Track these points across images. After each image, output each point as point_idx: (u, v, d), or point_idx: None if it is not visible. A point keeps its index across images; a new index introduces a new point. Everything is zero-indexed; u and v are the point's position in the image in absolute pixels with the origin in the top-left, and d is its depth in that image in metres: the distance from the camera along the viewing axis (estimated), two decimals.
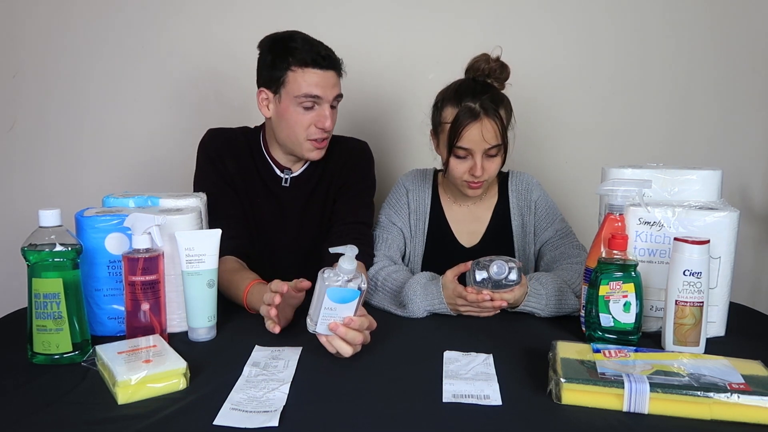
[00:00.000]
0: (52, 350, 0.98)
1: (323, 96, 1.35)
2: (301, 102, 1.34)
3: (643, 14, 1.87)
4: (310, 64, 1.33)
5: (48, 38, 1.87)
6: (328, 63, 1.34)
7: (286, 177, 1.46)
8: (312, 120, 1.36)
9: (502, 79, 1.38)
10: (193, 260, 1.08)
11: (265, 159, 1.47)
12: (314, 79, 1.33)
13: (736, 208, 1.12)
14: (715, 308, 1.12)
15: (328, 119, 1.37)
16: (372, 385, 0.93)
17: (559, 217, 1.47)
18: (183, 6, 1.87)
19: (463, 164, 1.36)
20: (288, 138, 1.40)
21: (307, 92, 1.33)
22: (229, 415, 0.82)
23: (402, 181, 1.53)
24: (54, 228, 0.98)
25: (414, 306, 1.22)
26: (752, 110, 1.90)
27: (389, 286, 1.29)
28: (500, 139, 1.33)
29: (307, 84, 1.33)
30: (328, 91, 1.35)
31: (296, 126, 1.37)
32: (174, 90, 1.91)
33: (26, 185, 1.94)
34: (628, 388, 0.83)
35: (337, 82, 1.38)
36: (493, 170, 1.37)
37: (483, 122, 1.31)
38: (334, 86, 1.37)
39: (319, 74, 1.33)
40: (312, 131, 1.37)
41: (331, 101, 1.38)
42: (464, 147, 1.33)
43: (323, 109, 1.37)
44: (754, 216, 1.93)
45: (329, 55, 1.35)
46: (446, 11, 1.87)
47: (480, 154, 1.34)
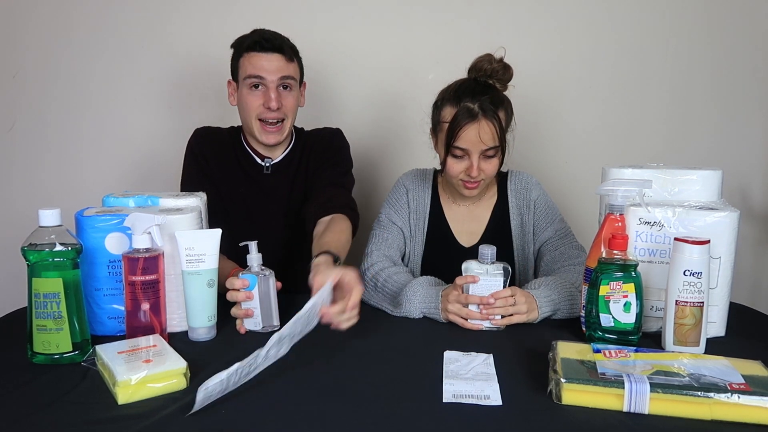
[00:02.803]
0: (52, 350, 0.98)
1: (265, 77, 1.45)
2: (249, 83, 1.46)
3: (643, 14, 1.87)
4: (254, 48, 1.45)
5: (48, 38, 1.87)
6: (270, 45, 1.44)
7: (266, 165, 1.54)
8: (259, 100, 1.46)
9: (505, 81, 1.38)
10: (193, 260, 1.08)
11: (245, 150, 1.56)
12: (257, 62, 1.44)
13: (736, 208, 1.12)
14: (716, 308, 1.12)
15: (273, 99, 1.45)
16: (372, 385, 0.93)
17: (559, 216, 1.47)
18: (183, 6, 1.87)
19: (459, 164, 1.36)
20: (245, 122, 1.51)
21: (251, 73, 1.44)
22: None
23: (402, 180, 1.53)
24: (54, 228, 0.98)
25: (411, 306, 1.22)
26: (752, 110, 1.91)
27: (389, 288, 1.29)
28: (498, 141, 1.33)
29: (252, 66, 1.44)
30: (270, 73, 1.45)
31: (247, 107, 1.47)
32: (174, 90, 1.91)
33: (26, 185, 1.94)
34: (628, 389, 0.83)
35: (282, 65, 1.46)
36: (490, 171, 1.37)
37: (481, 123, 1.31)
38: (278, 69, 1.45)
39: (261, 56, 1.44)
40: (260, 110, 1.47)
41: (276, 82, 1.46)
42: (461, 147, 1.33)
43: (269, 89, 1.45)
44: (754, 216, 1.93)
45: (272, 39, 1.45)
46: (446, 11, 1.87)
47: (477, 155, 1.33)
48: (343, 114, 1.92)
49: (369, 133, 1.93)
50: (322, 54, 1.80)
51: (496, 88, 1.37)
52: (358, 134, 1.91)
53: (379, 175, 1.78)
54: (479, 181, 1.37)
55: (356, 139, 1.89)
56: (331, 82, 1.88)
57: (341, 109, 1.91)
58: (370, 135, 1.94)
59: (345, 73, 1.88)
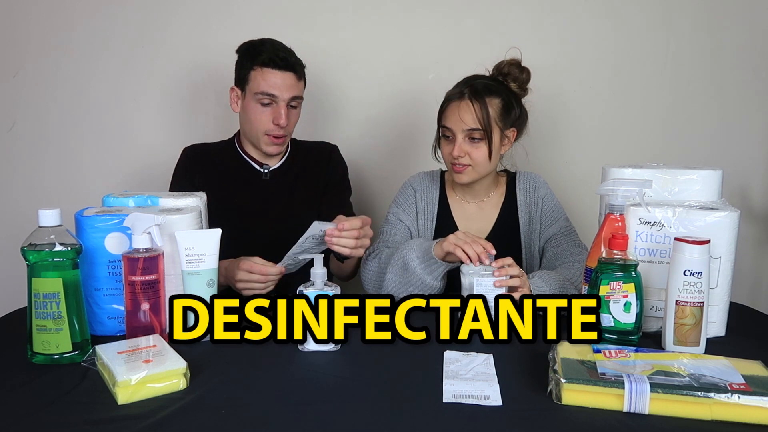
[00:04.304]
0: (52, 350, 0.98)
1: (278, 95, 1.46)
2: (259, 99, 1.46)
3: (643, 14, 1.87)
4: (269, 64, 1.45)
5: (48, 38, 1.87)
6: (285, 65, 1.46)
7: (265, 171, 1.55)
8: (269, 116, 1.48)
9: (520, 83, 1.43)
10: (193, 260, 1.08)
11: (242, 158, 1.58)
12: (271, 79, 1.45)
13: (737, 208, 1.12)
14: (716, 308, 1.12)
15: (283, 117, 1.47)
16: (372, 385, 0.92)
17: (564, 215, 1.49)
18: (184, 7, 1.87)
19: (447, 146, 1.42)
20: (250, 132, 1.52)
21: (264, 90, 1.45)
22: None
23: (410, 182, 1.55)
24: (54, 228, 0.98)
25: (408, 250, 1.27)
26: (752, 110, 1.90)
27: (390, 262, 1.32)
28: (480, 124, 1.35)
29: (265, 82, 1.45)
30: (284, 90, 1.46)
31: (256, 121, 1.49)
32: (174, 90, 1.91)
33: (26, 185, 1.94)
34: (628, 389, 0.83)
35: (294, 84, 1.48)
36: (477, 157, 1.38)
37: (464, 103, 1.37)
38: (290, 87, 1.47)
39: (276, 74, 1.45)
40: (270, 127, 1.48)
41: (287, 101, 1.47)
42: (446, 125, 1.39)
43: (279, 107, 1.47)
44: (754, 216, 1.93)
45: (287, 58, 1.46)
46: (446, 11, 1.86)
47: (460, 135, 1.37)
48: (343, 114, 1.91)
49: (369, 133, 1.93)
50: (322, 54, 1.80)
51: (509, 87, 1.41)
52: (358, 134, 1.92)
53: (378, 175, 1.78)
54: (466, 165, 1.40)
55: (356, 139, 1.90)
56: (330, 83, 1.88)
57: (341, 109, 1.91)
58: (369, 135, 1.93)
59: (345, 73, 1.88)
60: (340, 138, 1.73)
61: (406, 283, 1.28)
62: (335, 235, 1.19)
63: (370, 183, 1.95)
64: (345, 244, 1.20)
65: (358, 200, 1.75)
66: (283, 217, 1.54)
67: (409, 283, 1.28)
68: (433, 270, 1.26)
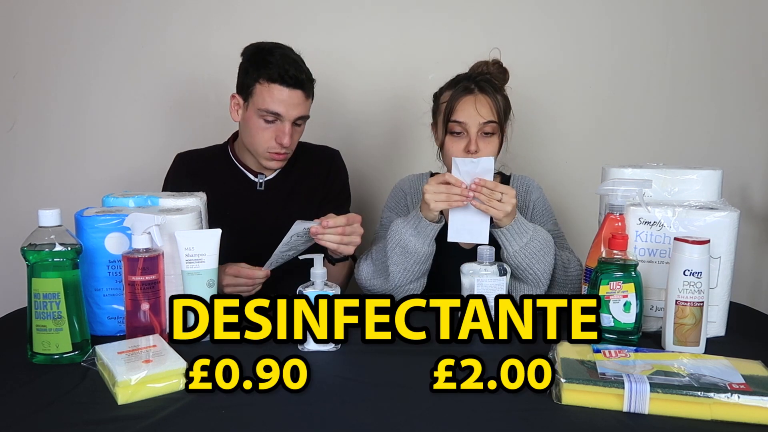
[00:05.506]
0: (52, 350, 0.98)
1: (284, 114, 1.38)
2: (263, 115, 1.38)
3: (642, 14, 1.87)
4: (277, 81, 1.36)
5: (48, 38, 1.87)
6: (294, 82, 1.37)
7: (260, 181, 1.50)
8: (272, 134, 1.40)
9: (502, 82, 1.40)
10: (193, 260, 1.08)
11: (236, 167, 1.52)
12: (278, 96, 1.37)
13: (736, 208, 1.12)
14: (716, 308, 1.12)
15: (287, 136, 1.39)
16: (372, 385, 0.93)
17: (553, 219, 1.48)
18: (184, 7, 1.87)
19: (458, 142, 1.36)
20: (250, 145, 1.45)
21: (269, 108, 1.37)
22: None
23: (399, 185, 1.54)
24: (54, 228, 0.98)
25: (398, 227, 1.29)
26: (752, 110, 1.90)
27: (381, 252, 1.33)
28: (495, 116, 1.34)
29: (271, 99, 1.37)
30: (290, 109, 1.38)
31: (257, 137, 1.41)
32: (174, 90, 1.91)
33: (26, 185, 1.94)
34: (628, 389, 0.83)
35: (302, 102, 1.40)
36: (489, 153, 1.35)
37: (477, 96, 1.34)
38: (297, 106, 1.39)
39: (283, 92, 1.36)
40: (272, 144, 1.41)
41: (293, 120, 1.40)
42: (459, 120, 1.34)
43: (284, 125, 1.39)
44: (754, 216, 1.93)
45: (297, 76, 1.37)
46: (446, 11, 1.87)
47: (475, 129, 1.34)
48: (342, 114, 1.91)
49: (368, 133, 1.93)
50: (322, 54, 1.79)
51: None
52: (358, 134, 1.92)
53: (377, 176, 1.78)
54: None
55: (355, 139, 1.90)
56: (330, 83, 1.87)
57: (340, 109, 1.91)
58: (368, 135, 1.93)
59: (344, 73, 1.88)
60: (339, 138, 1.73)
61: (412, 264, 1.29)
62: (320, 232, 1.21)
63: (370, 183, 1.95)
64: (330, 239, 1.22)
65: (357, 201, 1.75)
66: (275, 230, 1.42)
67: (415, 262, 1.29)
68: (428, 238, 1.28)
